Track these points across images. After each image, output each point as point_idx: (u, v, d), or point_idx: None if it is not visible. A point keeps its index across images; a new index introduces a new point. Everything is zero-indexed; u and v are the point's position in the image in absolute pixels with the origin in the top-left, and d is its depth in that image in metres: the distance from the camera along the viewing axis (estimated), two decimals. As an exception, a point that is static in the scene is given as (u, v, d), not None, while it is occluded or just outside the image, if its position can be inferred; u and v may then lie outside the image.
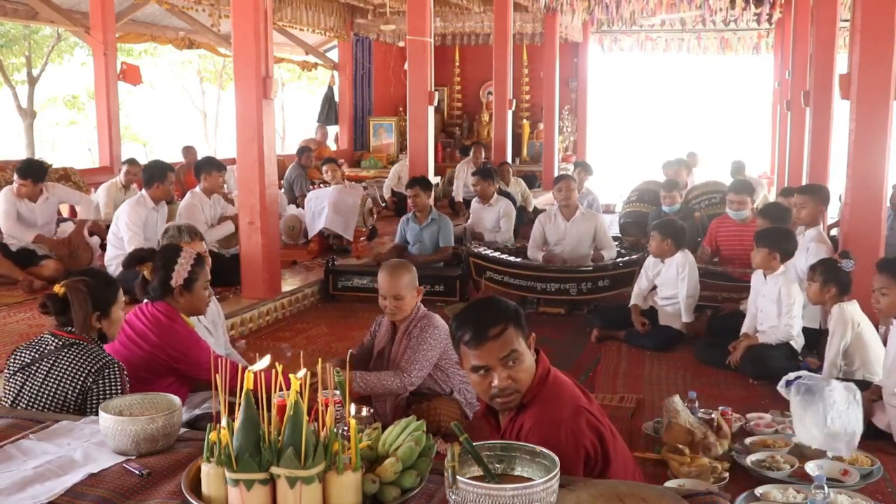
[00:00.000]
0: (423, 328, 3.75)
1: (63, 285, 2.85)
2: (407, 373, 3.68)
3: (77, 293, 2.82)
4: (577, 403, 2.24)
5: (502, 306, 2.30)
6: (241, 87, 5.93)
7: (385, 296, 3.75)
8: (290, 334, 5.90)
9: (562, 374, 2.38)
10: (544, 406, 2.23)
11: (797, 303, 4.79)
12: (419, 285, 3.85)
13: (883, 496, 3.23)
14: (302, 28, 12.35)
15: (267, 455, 1.73)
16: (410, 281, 3.76)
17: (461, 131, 15.84)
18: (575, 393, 2.30)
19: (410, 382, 3.69)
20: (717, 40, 15.18)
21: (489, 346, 2.21)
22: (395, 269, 3.77)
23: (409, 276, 3.77)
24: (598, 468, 2.20)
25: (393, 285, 3.72)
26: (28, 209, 6.58)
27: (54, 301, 2.83)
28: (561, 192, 6.89)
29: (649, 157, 16.45)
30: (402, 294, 3.73)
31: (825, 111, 8.02)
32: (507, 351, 2.22)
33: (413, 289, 3.77)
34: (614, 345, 5.60)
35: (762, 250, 4.92)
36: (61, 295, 2.83)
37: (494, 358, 2.22)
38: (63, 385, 2.72)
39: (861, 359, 4.26)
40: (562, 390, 2.28)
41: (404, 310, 3.76)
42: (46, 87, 18.90)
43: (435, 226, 7.21)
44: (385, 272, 3.78)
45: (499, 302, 2.34)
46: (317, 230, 8.06)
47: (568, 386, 2.32)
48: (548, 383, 2.28)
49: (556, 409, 2.22)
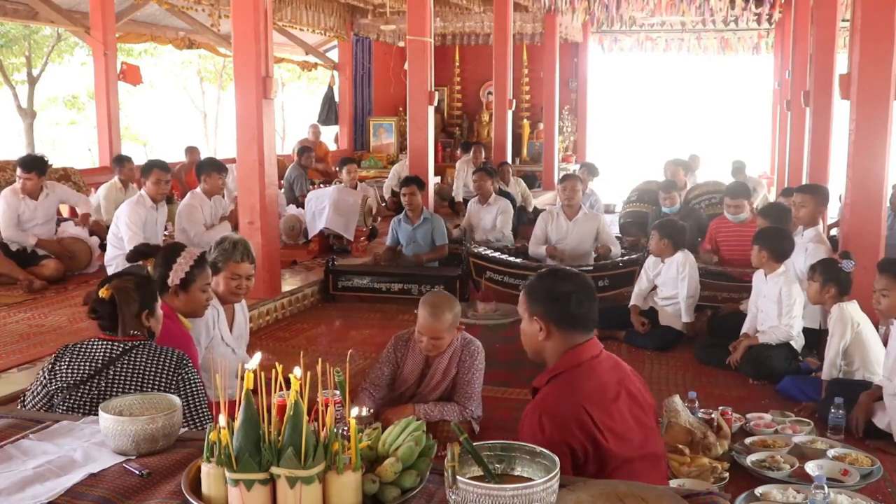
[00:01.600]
0: (471, 355, 3.65)
1: (109, 288, 2.79)
2: (469, 403, 3.62)
3: (126, 293, 2.78)
4: (580, 403, 2.23)
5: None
6: (241, 87, 5.93)
7: (423, 334, 3.56)
8: (289, 334, 5.90)
9: (603, 369, 2.36)
10: (550, 392, 2.30)
11: (798, 303, 4.79)
12: (458, 320, 3.66)
13: (883, 496, 3.23)
14: (302, 28, 12.35)
15: (267, 455, 1.73)
16: (453, 321, 3.56)
17: (461, 131, 15.85)
18: (590, 391, 2.27)
19: (472, 412, 3.64)
20: (717, 40, 15.18)
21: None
22: (437, 310, 3.52)
23: (452, 316, 3.56)
24: (589, 468, 2.21)
25: (435, 327, 3.52)
26: (29, 207, 6.59)
27: (103, 305, 2.77)
28: (565, 192, 6.91)
29: (649, 157, 16.47)
30: (443, 336, 3.55)
31: (825, 111, 8.02)
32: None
33: (454, 329, 3.59)
34: (614, 345, 5.59)
35: (756, 248, 4.95)
36: (108, 298, 2.77)
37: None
38: (147, 387, 2.65)
39: (861, 359, 4.26)
40: (579, 384, 2.29)
41: (441, 347, 3.60)
42: (46, 87, 18.91)
43: (428, 225, 7.21)
44: (426, 311, 3.53)
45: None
46: (317, 230, 8.06)
47: (591, 383, 2.30)
48: (569, 374, 2.31)
49: (557, 400, 2.26)
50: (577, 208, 6.90)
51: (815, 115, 8.07)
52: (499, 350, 5.14)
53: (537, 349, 2.42)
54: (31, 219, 6.60)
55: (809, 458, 3.45)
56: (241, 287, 3.82)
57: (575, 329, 2.36)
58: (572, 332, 2.36)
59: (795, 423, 3.99)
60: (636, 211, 8.85)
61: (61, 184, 7.41)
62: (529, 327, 2.42)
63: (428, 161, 8.42)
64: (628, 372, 2.46)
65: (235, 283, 3.79)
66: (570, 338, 2.36)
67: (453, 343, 3.65)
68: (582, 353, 2.34)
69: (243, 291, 3.84)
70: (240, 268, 3.79)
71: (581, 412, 2.20)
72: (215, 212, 6.76)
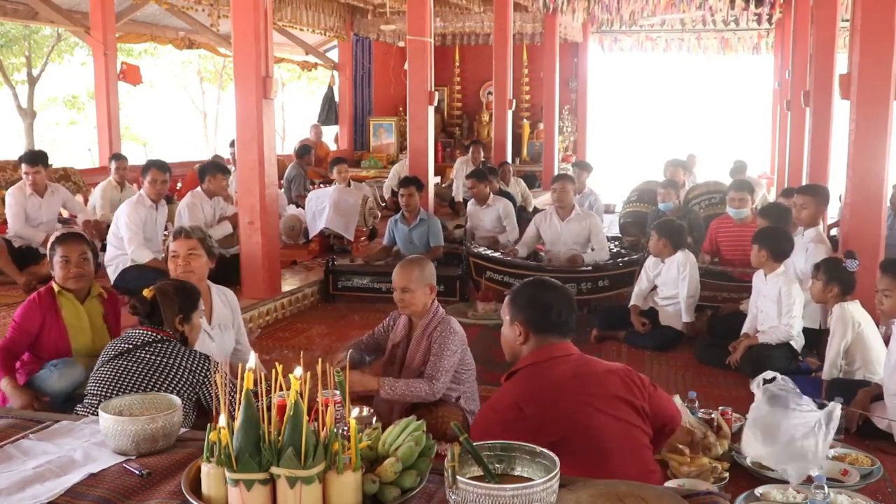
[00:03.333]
0: (444, 333, 3.72)
1: (152, 289, 3.14)
2: (435, 380, 3.65)
3: (166, 296, 3.12)
4: (513, 405, 2.37)
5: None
6: (241, 87, 5.93)
7: (395, 288, 3.78)
8: (289, 334, 5.90)
9: (560, 370, 2.44)
10: (502, 388, 2.53)
11: (797, 303, 4.78)
12: (431, 281, 3.80)
13: (883, 496, 3.23)
14: (302, 28, 12.36)
15: (267, 455, 1.73)
16: (420, 275, 3.75)
17: (461, 131, 15.85)
18: (522, 397, 2.38)
19: (438, 389, 3.66)
20: (717, 40, 15.18)
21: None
22: (406, 262, 3.83)
23: (419, 271, 3.76)
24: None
25: (401, 277, 3.74)
26: (35, 206, 6.64)
27: (143, 303, 3.12)
28: (556, 193, 6.91)
29: (649, 157, 16.47)
30: (411, 287, 3.72)
31: (825, 111, 8.01)
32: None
33: (424, 284, 3.76)
34: (614, 345, 5.61)
35: (755, 248, 4.96)
36: (150, 298, 3.11)
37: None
38: (170, 376, 2.95)
39: (862, 358, 4.25)
40: (520, 388, 2.44)
41: (414, 304, 3.75)
42: (46, 87, 18.91)
43: (424, 226, 7.20)
44: (398, 265, 3.83)
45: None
46: (318, 230, 8.06)
47: (530, 389, 2.42)
48: (522, 372, 2.48)
49: (499, 397, 2.49)
50: (570, 208, 6.90)
51: (815, 115, 8.06)
52: (498, 351, 5.13)
53: (515, 352, 2.59)
54: (37, 216, 6.64)
55: (809, 458, 3.44)
56: (178, 266, 3.82)
57: (551, 335, 2.52)
58: (548, 337, 2.52)
59: (795, 423, 3.98)
60: (636, 211, 8.84)
61: (61, 185, 7.43)
62: (509, 331, 2.59)
63: (428, 161, 8.42)
64: (598, 372, 2.50)
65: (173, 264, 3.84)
66: (544, 342, 2.51)
67: (429, 314, 3.77)
68: (542, 354, 2.49)
69: (181, 271, 3.81)
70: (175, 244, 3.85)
71: (505, 415, 2.34)
72: (215, 212, 6.77)
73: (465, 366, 3.82)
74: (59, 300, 3.78)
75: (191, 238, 3.86)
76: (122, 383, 2.92)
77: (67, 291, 3.81)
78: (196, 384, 2.98)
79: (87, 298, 3.90)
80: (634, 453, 2.44)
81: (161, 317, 3.10)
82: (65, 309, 3.78)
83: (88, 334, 3.83)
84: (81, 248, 3.85)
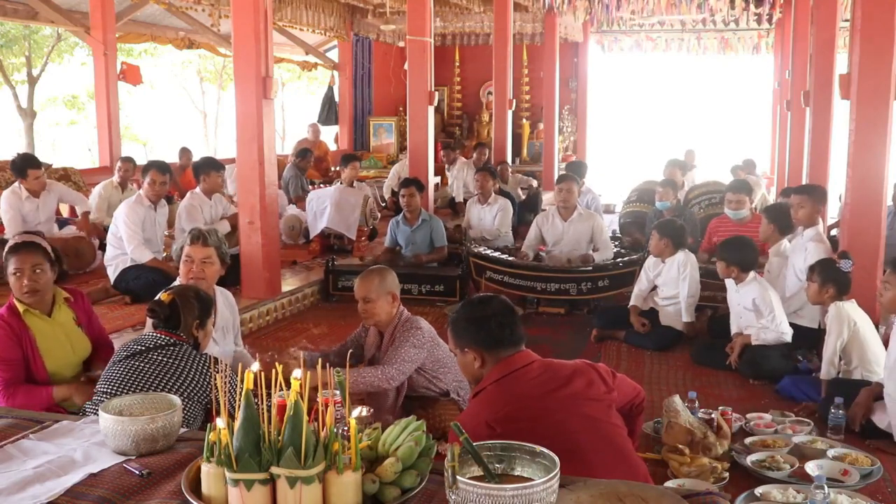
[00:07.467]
0: (407, 328, 3.74)
1: (171, 294, 3.14)
2: (388, 365, 3.63)
3: (187, 301, 3.12)
4: (484, 420, 2.37)
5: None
6: (241, 87, 5.93)
7: (357, 298, 3.78)
8: (290, 334, 5.90)
9: (525, 380, 2.48)
10: (470, 406, 2.59)
11: (776, 305, 4.86)
12: (392, 290, 3.79)
13: (883, 496, 3.23)
14: (302, 28, 12.35)
15: (267, 455, 1.73)
16: (380, 284, 3.74)
17: (461, 131, 15.84)
18: (491, 417, 2.39)
19: (391, 375, 3.62)
20: (717, 40, 15.18)
21: None
22: (367, 273, 3.82)
23: (380, 280, 3.75)
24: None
25: (362, 287, 3.75)
26: (31, 207, 6.63)
27: (162, 306, 3.10)
28: (561, 193, 6.90)
29: (649, 157, 16.46)
30: (371, 297, 3.72)
31: (825, 111, 8.01)
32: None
33: (385, 293, 3.74)
34: (614, 345, 5.60)
35: (722, 264, 5.03)
36: (168, 302, 3.10)
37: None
38: (182, 378, 2.93)
39: (859, 357, 4.25)
40: (491, 400, 2.46)
41: (377, 314, 3.75)
42: (46, 87, 18.90)
43: (427, 227, 7.19)
44: (359, 276, 3.83)
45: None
46: (319, 230, 8.06)
47: (497, 407, 2.42)
48: (488, 390, 2.50)
49: (469, 414, 2.51)
50: (573, 209, 6.89)
51: (815, 115, 8.06)
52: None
53: (476, 376, 2.60)
54: (35, 218, 6.63)
55: (809, 458, 3.45)
56: (192, 272, 3.84)
57: (502, 349, 2.54)
58: (501, 351, 2.54)
59: (795, 423, 3.99)
60: (636, 211, 8.83)
61: (60, 183, 7.43)
62: (464, 359, 2.62)
63: (428, 161, 8.42)
64: (562, 375, 2.51)
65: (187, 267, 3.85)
66: (501, 357, 2.54)
67: (394, 321, 3.79)
68: (503, 369, 2.51)
69: (192, 277, 3.82)
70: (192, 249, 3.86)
71: (483, 428, 2.32)
72: (215, 211, 6.75)
73: (441, 363, 3.81)
74: (27, 320, 3.38)
75: (208, 246, 3.86)
76: (133, 383, 2.92)
77: (32, 308, 3.43)
78: (207, 387, 2.98)
79: (54, 308, 3.52)
80: (613, 449, 2.46)
81: (178, 321, 3.09)
82: (33, 329, 3.39)
83: (67, 346, 3.52)
84: (35, 259, 3.41)
